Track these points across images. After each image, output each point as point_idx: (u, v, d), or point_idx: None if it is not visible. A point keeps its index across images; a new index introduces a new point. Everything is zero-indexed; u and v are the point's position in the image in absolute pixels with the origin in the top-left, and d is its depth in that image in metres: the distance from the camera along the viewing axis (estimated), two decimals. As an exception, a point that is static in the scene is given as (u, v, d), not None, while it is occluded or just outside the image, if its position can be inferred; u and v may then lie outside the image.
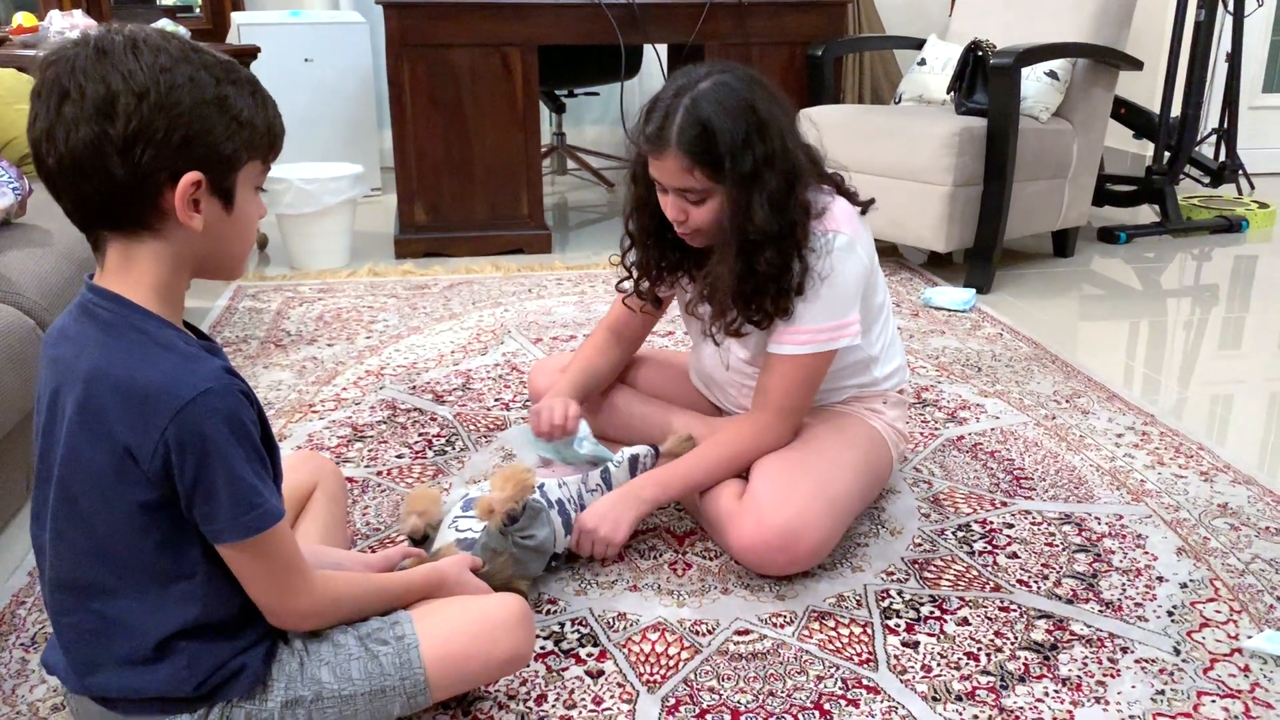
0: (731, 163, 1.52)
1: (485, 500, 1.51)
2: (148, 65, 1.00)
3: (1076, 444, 2.13)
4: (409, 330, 2.83)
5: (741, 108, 1.52)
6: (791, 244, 1.58)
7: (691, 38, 3.66)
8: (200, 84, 1.02)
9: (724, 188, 1.54)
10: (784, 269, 1.58)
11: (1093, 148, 3.53)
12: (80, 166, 1.00)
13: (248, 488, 1.05)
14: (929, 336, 2.80)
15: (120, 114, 0.98)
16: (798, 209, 1.57)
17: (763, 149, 1.53)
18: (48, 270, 2.02)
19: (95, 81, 0.98)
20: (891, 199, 3.26)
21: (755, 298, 1.61)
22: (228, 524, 1.05)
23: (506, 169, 3.63)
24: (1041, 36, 3.29)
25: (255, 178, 1.11)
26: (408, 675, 1.22)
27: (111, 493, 1.04)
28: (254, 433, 1.07)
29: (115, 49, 1.00)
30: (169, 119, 1.00)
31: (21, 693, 1.38)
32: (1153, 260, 3.65)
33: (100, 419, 1.02)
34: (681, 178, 1.56)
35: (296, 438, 2.15)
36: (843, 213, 1.64)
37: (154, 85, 0.99)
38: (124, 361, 1.03)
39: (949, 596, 1.60)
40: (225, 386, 1.04)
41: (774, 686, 1.40)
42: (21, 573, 1.67)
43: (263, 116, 1.08)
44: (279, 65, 4.15)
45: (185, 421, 1.01)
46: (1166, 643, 1.49)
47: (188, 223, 1.03)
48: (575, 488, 1.67)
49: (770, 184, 1.53)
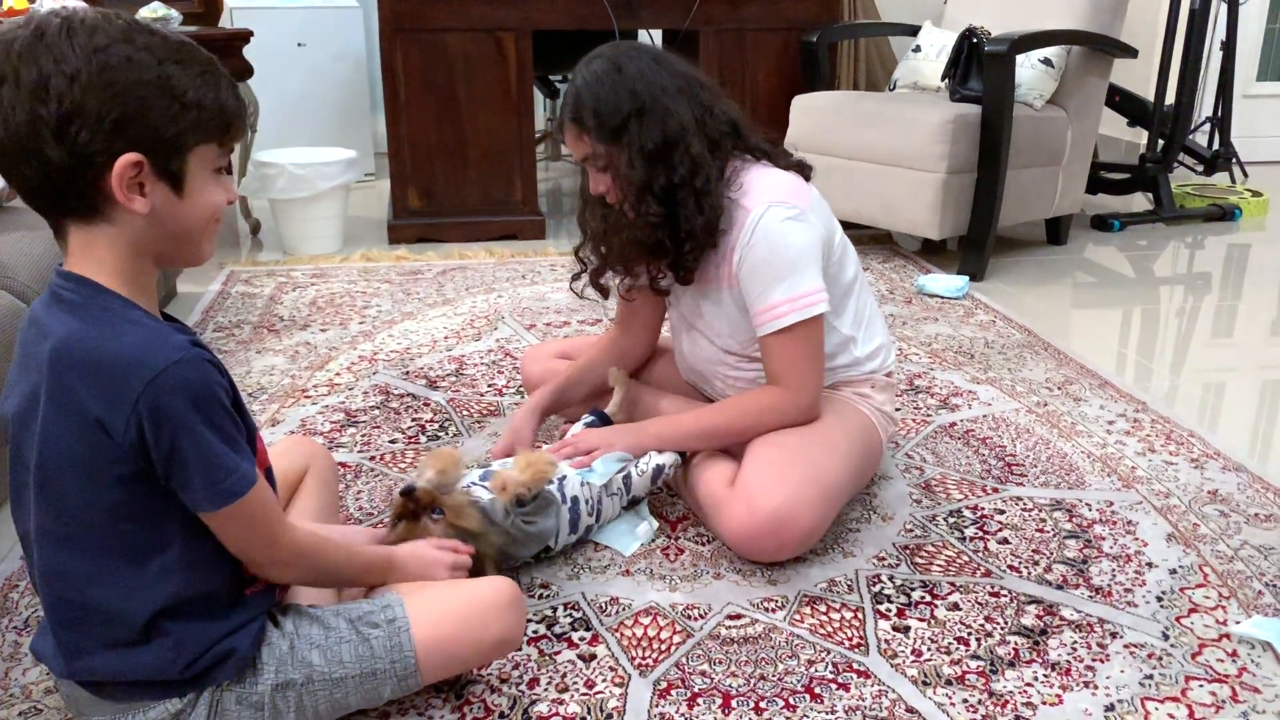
0: (600, 120, 1.60)
1: (501, 476, 1.55)
2: (81, 46, 0.98)
3: (1068, 431, 2.14)
4: (402, 316, 2.83)
5: (609, 72, 1.62)
6: (685, 195, 1.62)
7: (686, 23, 3.65)
8: (138, 64, 1.00)
9: (605, 146, 1.62)
10: (675, 220, 1.63)
11: (1087, 135, 3.53)
12: (20, 150, 0.99)
13: (222, 454, 1.05)
14: (922, 323, 2.80)
15: (53, 95, 0.97)
16: (686, 162, 1.61)
17: (630, 105, 1.60)
18: (40, 253, 2.02)
19: (29, 64, 0.98)
20: (885, 186, 3.26)
21: (656, 250, 1.68)
22: (204, 493, 1.06)
23: (500, 154, 3.62)
24: (1036, 23, 3.28)
25: (212, 161, 1.08)
26: (398, 658, 1.22)
27: (86, 468, 1.04)
28: (226, 400, 1.08)
29: (50, 31, 0.99)
30: (101, 100, 0.98)
31: (14, 675, 1.39)
32: (1146, 248, 3.66)
33: (69, 393, 1.02)
34: (579, 146, 1.66)
35: (289, 423, 2.15)
36: (788, 185, 1.67)
37: (85, 66, 0.98)
38: (91, 335, 1.03)
39: (940, 582, 1.61)
40: (195, 356, 1.04)
41: (765, 670, 1.41)
42: (13, 558, 1.66)
43: (213, 97, 1.05)
44: (272, 49, 4.13)
45: (158, 392, 1.01)
46: (1155, 628, 1.50)
47: (128, 206, 1.02)
48: (597, 490, 1.67)
49: (640, 138, 1.60)
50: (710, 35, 3.69)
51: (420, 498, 1.46)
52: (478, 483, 1.57)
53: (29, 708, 1.33)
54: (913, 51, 3.75)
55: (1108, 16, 3.42)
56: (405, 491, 1.46)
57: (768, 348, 1.67)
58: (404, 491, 1.46)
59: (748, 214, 1.63)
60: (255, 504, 1.10)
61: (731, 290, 1.69)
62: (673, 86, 1.63)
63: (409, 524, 1.46)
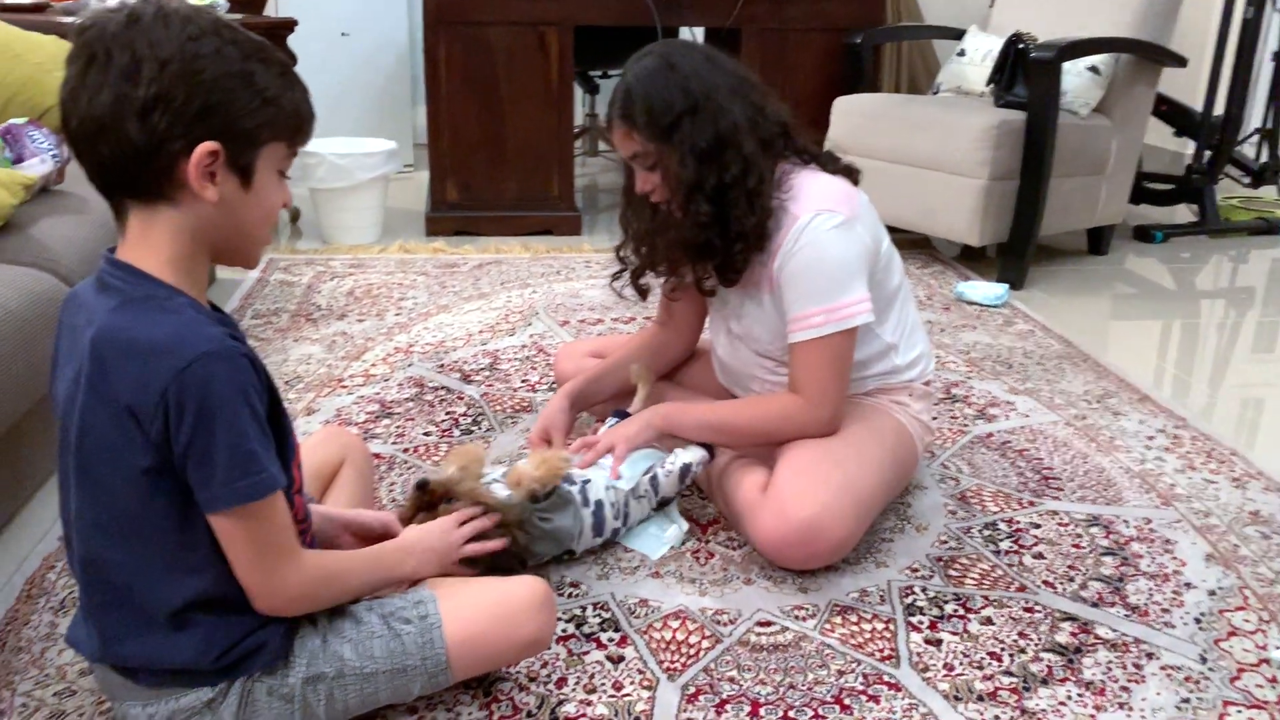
0: (651, 118, 1.58)
1: (517, 471, 1.56)
2: (175, 34, 1.01)
3: (1106, 445, 2.11)
4: (438, 308, 2.84)
5: (662, 70, 1.60)
6: (736, 195, 1.60)
7: (729, 21, 3.63)
8: (226, 57, 1.03)
9: (655, 145, 1.60)
10: (725, 221, 1.61)
11: (1132, 145, 3.49)
12: (100, 128, 1.01)
13: (245, 453, 1.04)
14: (960, 331, 2.78)
15: (143, 79, 0.99)
16: (738, 163, 1.59)
17: (683, 104, 1.58)
18: (84, 237, 2.04)
19: (122, 47, 1.00)
20: (926, 191, 3.24)
21: (704, 250, 1.66)
22: (221, 489, 1.04)
23: (538, 149, 3.63)
24: (1084, 30, 3.24)
25: (279, 161, 1.11)
26: (429, 655, 1.22)
27: (119, 457, 1.04)
28: (256, 399, 1.06)
29: (146, 17, 1.01)
30: (189, 87, 1.01)
31: (50, 655, 1.40)
32: (1188, 261, 3.61)
33: (105, 380, 1.03)
34: (627, 145, 1.63)
35: (325, 412, 2.17)
36: (837, 192, 1.65)
37: (178, 53, 1.00)
38: (129, 323, 1.03)
39: (973, 595, 1.59)
40: (228, 349, 1.04)
41: (794, 679, 1.40)
42: (51, 537, 1.69)
43: (289, 98, 1.09)
44: (316, 38, 4.16)
45: (186, 381, 1.01)
46: (1193, 650, 1.48)
47: (201, 193, 1.04)
48: (623, 494, 1.66)
49: (693, 137, 1.58)
50: (753, 34, 3.68)
51: (434, 490, 1.47)
52: (499, 479, 1.58)
53: (64, 688, 1.34)
54: (957, 55, 3.71)
55: (1158, 24, 3.37)
56: (419, 485, 1.48)
57: (795, 354, 1.66)
58: (418, 485, 1.48)
59: (794, 220, 1.61)
60: (267, 515, 1.07)
61: (773, 295, 1.67)
62: (725, 85, 1.61)
63: (425, 515, 1.46)
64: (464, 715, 1.31)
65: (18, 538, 1.70)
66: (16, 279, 1.72)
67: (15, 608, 1.50)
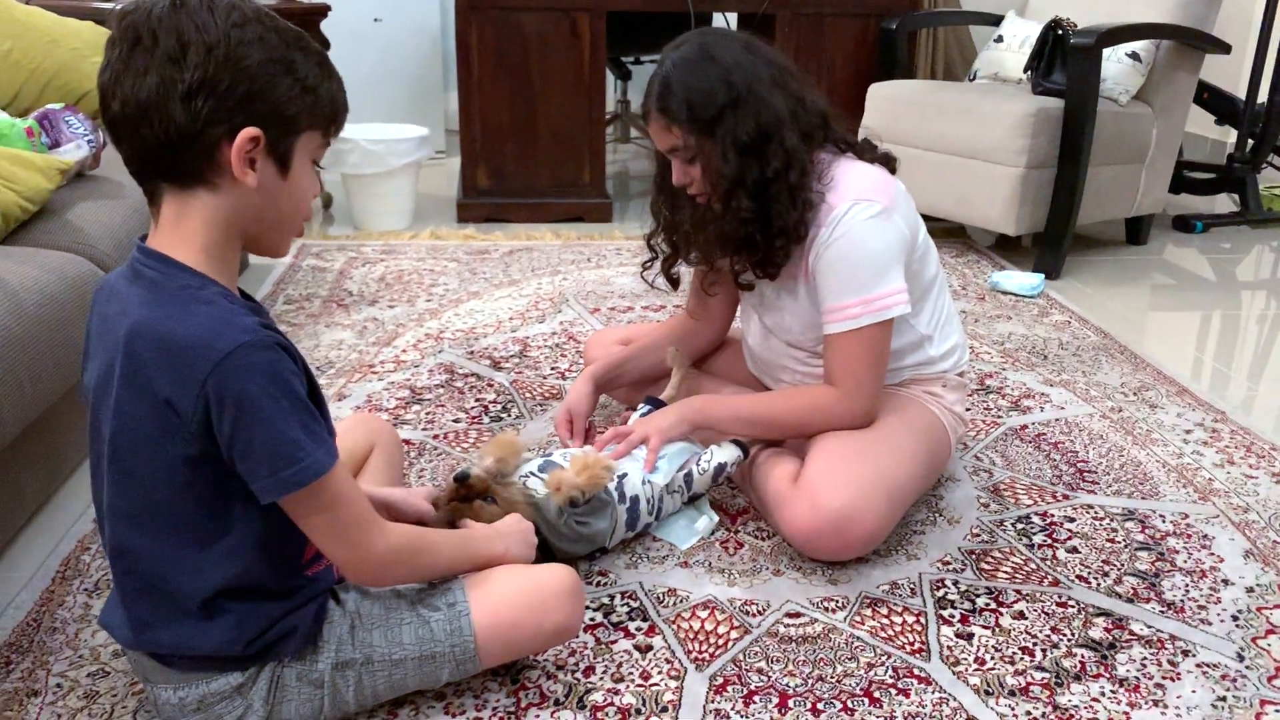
0: (693, 111, 1.55)
1: (557, 477, 1.52)
2: (221, 20, 1.02)
3: (1143, 438, 2.08)
4: (468, 295, 2.84)
5: (703, 61, 1.56)
6: (778, 189, 1.57)
7: (764, 7, 3.60)
8: (269, 44, 1.04)
9: (696, 138, 1.57)
10: (766, 215, 1.58)
11: (1172, 133, 3.43)
12: (144, 112, 1.01)
13: (288, 441, 1.04)
14: (995, 321, 2.74)
15: (189, 63, 1.00)
16: (780, 155, 1.56)
17: (726, 96, 1.55)
18: (119, 222, 2.05)
19: (168, 32, 1.00)
20: (961, 178, 3.20)
21: (745, 245, 1.62)
22: (268, 479, 1.05)
23: (570, 136, 3.62)
24: (1124, 16, 3.18)
25: (314, 150, 1.12)
26: (458, 642, 1.22)
27: (155, 448, 1.05)
28: (295, 384, 1.06)
29: (191, 3, 1.02)
30: (234, 72, 1.02)
31: (84, 637, 1.42)
32: (1229, 251, 3.55)
33: (142, 372, 1.03)
34: (665, 137, 1.60)
35: (356, 398, 2.17)
36: (874, 181, 1.62)
37: (225, 39, 1.01)
38: (165, 316, 1.03)
39: (1006, 589, 1.57)
40: (263, 339, 1.04)
41: (824, 671, 1.39)
42: (86, 519, 1.70)
43: (327, 87, 1.10)
44: (349, 25, 4.16)
45: (224, 374, 1.01)
46: (1230, 648, 1.45)
47: (242, 178, 1.04)
48: (658, 489, 1.65)
49: (736, 130, 1.55)
50: (787, 19, 3.64)
51: (474, 484, 1.46)
52: (535, 473, 1.56)
53: (97, 670, 1.35)
54: (994, 42, 3.66)
55: (1201, 10, 3.30)
56: (460, 477, 1.46)
57: (830, 346, 1.64)
58: (458, 477, 1.46)
59: (831, 209, 1.59)
60: (329, 495, 1.09)
61: (808, 285, 1.65)
62: (766, 76, 1.58)
63: (458, 505, 1.46)
64: (492, 702, 1.31)
65: (53, 519, 1.72)
66: (53, 263, 1.73)
67: (50, 589, 1.52)
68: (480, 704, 1.31)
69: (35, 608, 1.48)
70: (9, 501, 1.61)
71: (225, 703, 1.15)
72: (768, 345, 1.81)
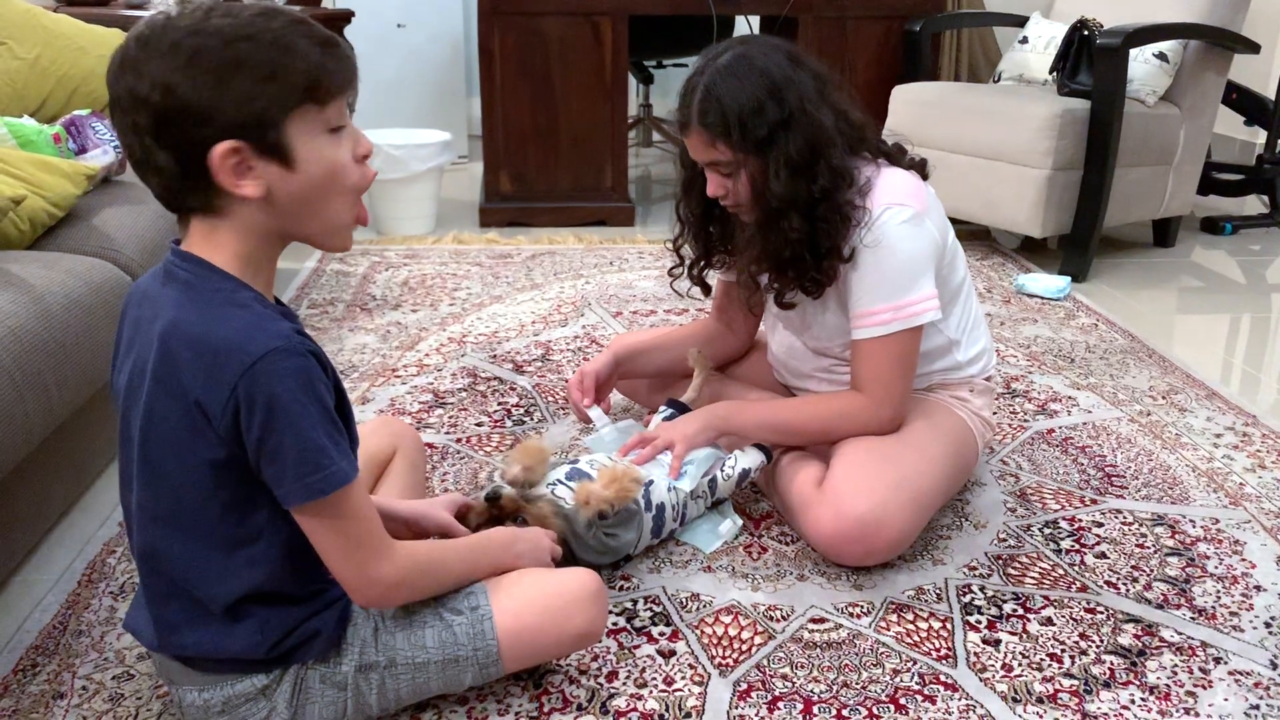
0: (744, 131, 1.51)
1: (585, 490, 1.50)
2: (154, 53, 0.99)
3: (1172, 442, 2.05)
4: (491, 299, 2.84)
5: (753, 76, 1.52)
6: (827, 209, 1.54)
7: (786, 10, 3.59)
8: (206, 52, 0.98)
9: (744, 156, 1.54)
10: (814, 235, 1.55)
11: (1200, 134, 3.39)
12: (138, 162, 1.02)
13: (315, 448, 1.04)
14: (1021, 324, 2.72)
15: (142, 106, 0.99)
16: (827, 174, 1.54)
17: (777, 114, 1.51)
18: (145, 227, 2.06)
19: (119, 84, 1.00)
20: (987, 181, 3.18)
21: (792, 265, 1.59)
22: (293, 485, 1.04)
23: (592, 140, 3.62)
24: (1151, 16, 3.15)
25: (315, 123, 1.04)
26: (481, 646, 1.22)
27: (184, 450, 1.05)
28: (324, 394, 1.06)
29: (131, 46, 1.00)
30: (178, 99, 0.98)
31: (110, 640, 1.42)
32: (1258, 253, 3.50)
33: (174, 374, 1.03)
34: (707, 152, 1.56)
35: (379, 402, 2.18)
36: (907, 186, 1.60)
37: (161, 70, 0.98)
38: (198, 318, 1.03)
39: (1033, 595, 1.56)
40: (295, 345, 1.03)
41: (849, 678, 1.37)
42: (112, 523, 1.71)
43: (288, 63, 1.01)
44: (372, 30, 4.19)
45: (255, 378, 1.01)
46: (1263, 655, 1.43)
47: (240, 191, 1.02)
48: (683, 496, 1.64)
49: (787, 149, 1.52)
50: (810, 22, 3.63)
51: (505, 506, 1.45)
52: (563, 481, 1.54)
53: (122, 672, 1.36)
54: (1019, 43, 3.63)
55: (1229, 10, 3.27)
56: (491, 497, 1.45)
57: (859, 351, 1.63)
58: (489, 497, 1.45)
59: (864, 214, 1.57)
60: (345, 509, 1.07)
61: (838, 290, 1.64)
62: (813, 90, 1.54)
63: (489, 524, 1.44)
64: (514, 707, 1.30)
65: (79, 523, 1.73)
66: (80, 268, 1.74)
67: (76, 592, 1.53)
68: (503, 708, 1.30)
69: (61, 611, 1.49)
70: (35, 505, 1.62)
71: (250, 705, 1.15)
72: (792, 351, 1.80)
